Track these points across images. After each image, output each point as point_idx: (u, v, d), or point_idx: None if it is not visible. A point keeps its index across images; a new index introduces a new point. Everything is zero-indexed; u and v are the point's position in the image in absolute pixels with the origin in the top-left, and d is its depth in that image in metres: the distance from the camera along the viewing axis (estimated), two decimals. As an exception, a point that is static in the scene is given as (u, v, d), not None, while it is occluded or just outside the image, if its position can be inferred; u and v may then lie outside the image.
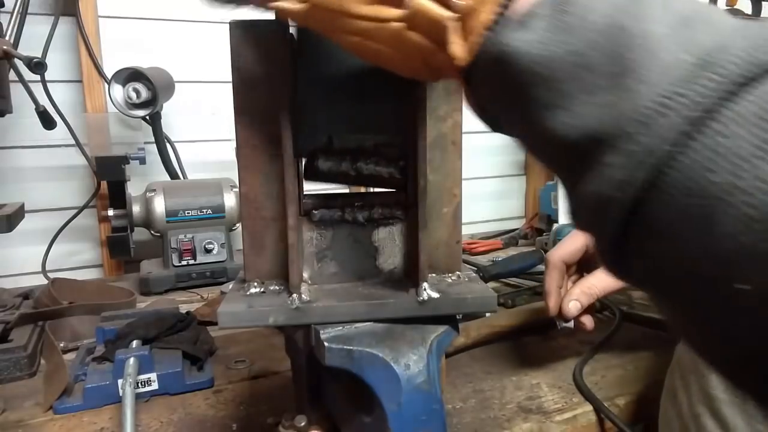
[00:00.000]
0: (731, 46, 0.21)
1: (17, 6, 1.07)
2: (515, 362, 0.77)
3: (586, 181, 0.23)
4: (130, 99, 1.13)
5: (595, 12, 0.23)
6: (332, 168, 0.45)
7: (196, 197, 1.14)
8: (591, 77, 0.23)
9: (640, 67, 0.22)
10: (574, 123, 0.23)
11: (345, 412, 0.48)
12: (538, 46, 0.24)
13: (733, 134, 0.20)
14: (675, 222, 0.21)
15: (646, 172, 0.21)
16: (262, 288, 0.46)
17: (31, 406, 0.66)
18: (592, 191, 0.23)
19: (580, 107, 0.23)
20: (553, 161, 0.27)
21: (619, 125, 0.22)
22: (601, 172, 0.22)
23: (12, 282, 1.20)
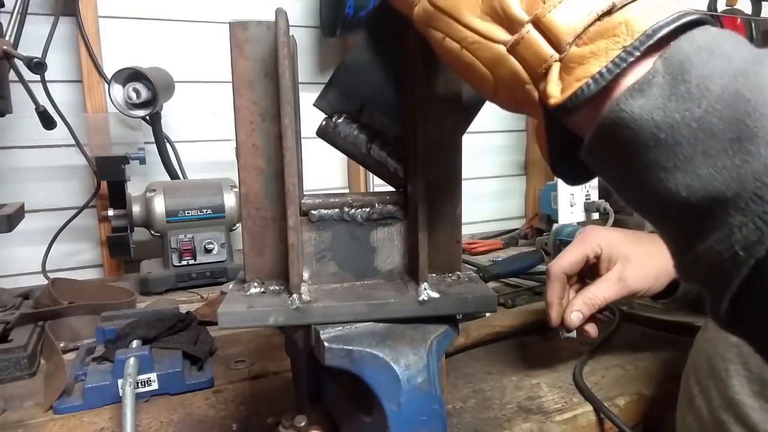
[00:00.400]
0: None
1: (17, 6, 1.07)
2: (515, 362, 0.77)
3: (709, 240, 0.25)
4: (130, 99, 1.13)
5: (714, 81, 0.25)
6: (348, 134, 0.45)
7: (196, 197, 1.14)
8: (712, 142, 0.24)
9: (762, 133, 0.23)
10: (695, 185, 0.25)
11: (345, 412, 0.48)
12: (658, 113, 0.26)
13: None
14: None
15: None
16: (262, 288, 0.46)
17: (31, 406, 0.66)
18: (717, 250, 0.24)
19: (702, 170, 0.24)
20: (668, 221, 0.28)
21: (745, 187, 0.23)
22: (726, 232, 0.24)
23: (12, 282, 1.20)
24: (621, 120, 0.27)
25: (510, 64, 0.32)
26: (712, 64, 0.25)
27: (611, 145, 0.28)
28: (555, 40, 0.30)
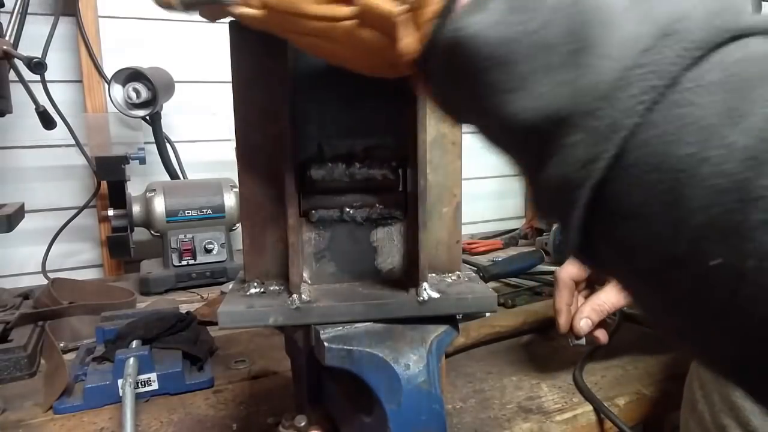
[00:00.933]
0: (691, 15, 0.20)
1: (17, 6, 1.07)
2: (515, 362, 0.77)
3: (549, 164, 0.22)
4: (130, 99, 1.13)
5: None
6: (326, 176, 0.45)
7: (196, 197, 1.14)
8: (549, 56, 0.22)
9: (599, 42, 0.21)
10: (534, 105, 0.22)
11: (345, 412, 0.48)
12: (496, 28, 0.23)
13: (698, 103, 0.19)
14: (643, 199, 0.20)
15: (611, 148, 0.20)
16: (261, 288, 0.46)
17: (31, 406, 0.66)
18: (555, 175, 0.22)
19: (540, 88, 0.22)
20: (514, 149, 0.26)
21: (580, 102, 0.21)
22: (563, 153, 0.22)
23: (12, 282, 1.20)
24: (457, 39, 0.25)
25: (368, 36, 0.30)
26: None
27: (446, 70, 0.26)
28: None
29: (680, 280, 0.20)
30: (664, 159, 0.19)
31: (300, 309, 0.43)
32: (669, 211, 0.19)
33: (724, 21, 0.20)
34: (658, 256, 0.20)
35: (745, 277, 0.18)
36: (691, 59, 0.19)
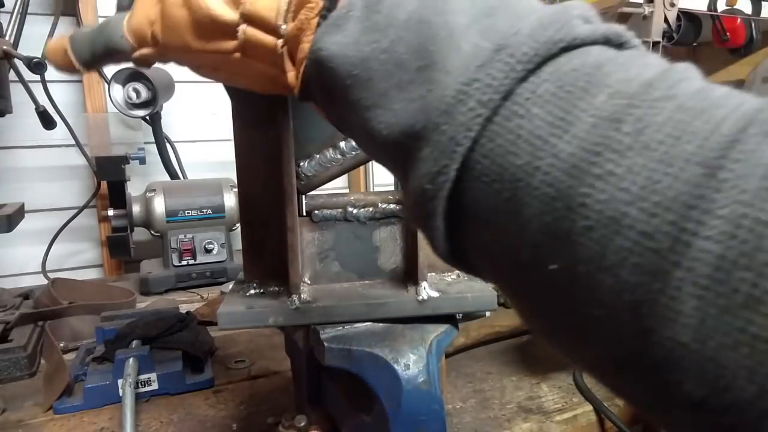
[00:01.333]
0: (524, 28, 0.21)
1: (17, 6, 1.07)
2: (515, 362, 0.77)
3: (410, 177, 0.23)
4: (130, 99, 1.13)
5: (403, 8, 0.23)
6: (318, 168, 0.45)
7: (196, 197, 1.14)
8: (401, 73, 0.23)
9: (443, 59, 0.22)
10: (391, 121, 0.23)
11: (345, 412, 0.48)
12: (352, 48, 0.24)
13: (530, 115, 0.20)
14: (489, 208, 0.21)
15: (454, 161, 0.21)
16: (261, 289, 0.46)
17: (31, 406, 0.66)
18: (414, 187, 0.23)
19: (395, 104, 0.23)
20: (385, 161, 0.26)
21: (429, 117, 0.22)
22: (417, 166, 0.22)
23: (12, 282, 1.20)
24: (320, 59, 0.25)
25: (256, 67, 0.31)
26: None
27: (321, 90, 0.27)
28: (268, 27, 0.28)
29: (529, 285, 0.21)
30: (504, 170, 0.20)
31: (300, 309, 0.43)
32: (513, 219, 0.20)
33: (555, 32, 0.20)
34: (510, 261, 0.21)
35: (577, 281, 0.18)
36: (524, 72, 0.20)
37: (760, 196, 0.15)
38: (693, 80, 0.19)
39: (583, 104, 0.19)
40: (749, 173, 0.16)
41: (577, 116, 0.19)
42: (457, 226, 0.23)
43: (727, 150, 0.16)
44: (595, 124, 0.19)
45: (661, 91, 0.19)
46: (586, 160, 0.18)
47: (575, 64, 0.20)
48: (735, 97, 0.18)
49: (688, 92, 0.19)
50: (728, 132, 0.17)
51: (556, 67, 0.20)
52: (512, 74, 0.20)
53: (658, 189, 0.17)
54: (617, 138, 0.18)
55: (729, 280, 0.15)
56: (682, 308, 0.16)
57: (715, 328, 0.16)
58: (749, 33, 1.42)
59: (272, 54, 0.29)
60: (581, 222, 0.18)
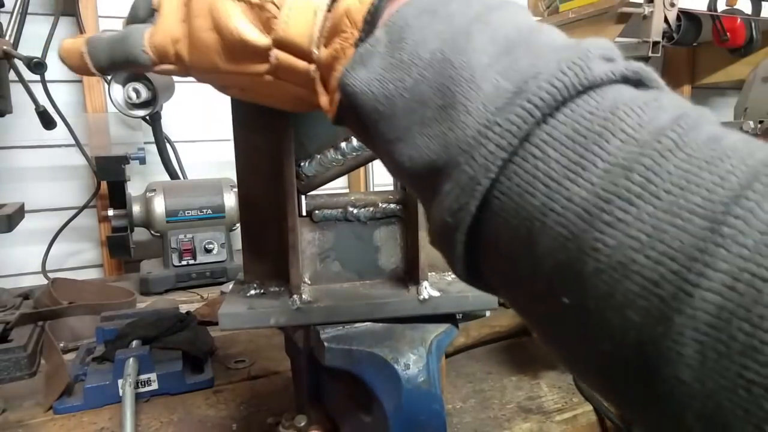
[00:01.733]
0: (542, 72, 0.21)
1: (17, 6, 1.07)
2: (515, 362, 0.77)
3: (433, 207, 0.24)
4: (130, 99, 1.12)
5: (426, 47, 0.24)
6: (319, 168, 0.45)
7: (196, 197, 1.14)
8: (424, 111, 0.24)
9: (464, 99, 0.23)
10: (414, 155, 0.24)
11: (345, 412, 0.48)
12: (376, 84, 0.25)
13: (547, 157, 0.21)
14: (507, 242, 0.22)
15: (475, 198, 0.22)
16: (261, 289, 0.46)
17: (31, 406, 0.66)
18: (437, 217, 0.24)
19: (418, 140, 0.24)
20: (412, 188, 0.28)
21: (450, 155, 0.23)
22: (440, 199, 0.23)
23: (12, 282, 1.20)
24: (347, 95, 0.26)
25: (287, 89, 0.31)
26: (430, 28, 0.24)
27: (353, 120, 0.28)
28: (301, 53, 0.29)
29: (542, 314, 0.23)
30: (521, 208, 0.21)
31: (301, 309, 0.43)
32: (528, 254, 0.21)
33: (573, 76, 0.21)
34: (525, 291, 0.23)
35: (589, 316, 0.20)
36: (541, 116, 0.21)
37: (760, 251, 0.16)
38: (706, 127, 0.20)
39: (597, 149, 0.20)
40: (750, 229, 0.17)
41: (590, 161, 0.20)
42: (476, 255, 0.24)
43: (730, 205, 0.17)
44: (607, 170, 0.19)
45: (671, 140, 0.19)
46: (597, 206, 0.19)
47: (592, 107, 0.21)
48: (745, 147, 0.19)
49: (698, 141, 0.19)
50: (733, 186, 0.18)
51: (573, 109, 0.21)
52: (529, 118, 0.21)
53: (664, 239, 0.18)
54: (627, 186, 0.19)
55: (728, 328, 0.16)
56: (683, 351, 0.17)
57: (714, 371, 0.17)
58: (749, 33, 1.42)
59: (305, 77, 0.29)
60: (592, 264, 0.19)
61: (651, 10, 1.21)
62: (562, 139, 0.21)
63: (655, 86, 0.23)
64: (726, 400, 0.17)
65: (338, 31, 0.27)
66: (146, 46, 0.34)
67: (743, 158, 0.18)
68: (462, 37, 0.24)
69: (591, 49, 0.22)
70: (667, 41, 1.31)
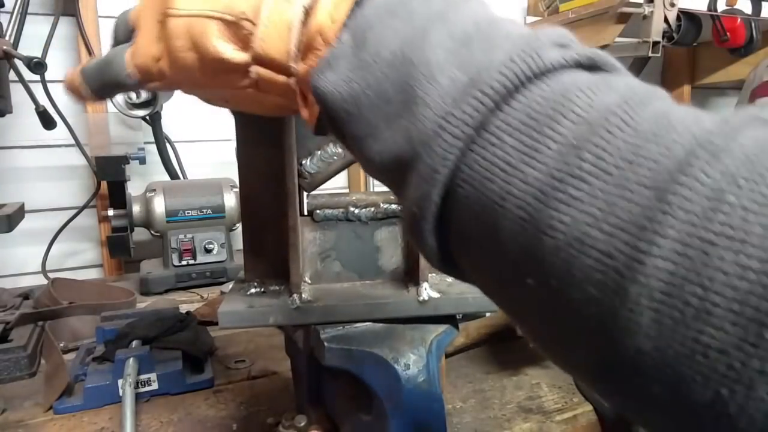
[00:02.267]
0: (496, 60, 0.22)
1: (17, 6, 1.07)
2: (515, 362, 0.77)
3: (402, 198, 0.25)
4: (130, 99, 1.13)
5: (386, 47, 0.25)
6: (321, 165, 0.45)
7: (196, 197, 1.14)
8: (388, 107, 0.25)
9: (423, 93, 0.23)
10: (382, 149, 0.25)
11: (345, 412, 0.48)
12: (343, 85, 0.26)
13: (503, 143, 0.21)
14: (473, 228, 0.23)
15: (435, 187, 0.23)
16: (262, 288, 0.46)
17: (31, 406, 0.66)
18: (405, 208, 0.25)
19: (385, 134, 0.25)
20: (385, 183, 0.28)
21: (412, 148, 0.23)
22: (407, 190, 0.24)
23: (12, 282, 1.20)
24: (318, 97, 0.27)
25: (270, 99, 0.32)
26: (391, 28, 0.25)
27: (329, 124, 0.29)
28: (279, 67, 0.29)
29: (512, 298, 0.23)
30: (482, 194, 0.22)
31: (300, 309, 0.43)
32: (493, 239, 0.22)
33: (524, 64, 0.22)
34: (495, 276, 0.23)
35: (552, 295, 0.20)
36: (493, 104, 0.22)
37: (707, 215, 0.17)
38: (655, 103, 0.20)
39: (549, 131, 0.21)
40: (696, 195, 0.17)
41: (543, 143, 0.21)
42: (447, 243, 0.25)
43: (675, 173, 0.18)
44: (560, 151, 0.20)
45: (619, 118, 0.20)
46: (551, 186, 0.20)
47: (544, 92, 0.21)
48: (692, 117, 0.19)
49: (646, 116, 0.20)
50: (678, 155, 0.18)
51: (527, 95, 0.22)
52: (483, 108, 0.22)
53: (615, 211, 0.18)
54: (578, 164, 0.20)
55: (681, 294, 0.17)
56: (640, 320, 0.17)
57: (672, 338, 0.17)
58: (749, 33, 1.42)
59: (286, 89, 0.30)
60: (550, 242, 0.20)
61: (651, 10, 1.21)
62: (516, 125, 0.21)
63: (609, 69, 0.23)
64: (685, 367, 0.17)
65: (312, 47, 0.28)
66: (129, 68, 0.34)
67: (689, 127, 0.19)
68: (420, 34, 0.24)
69: (542, 37, 0.23)
70: (667, 41, 1.31)
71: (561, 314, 0.20)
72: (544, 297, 0.21)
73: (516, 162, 0.21)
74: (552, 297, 0.20)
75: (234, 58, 0.30)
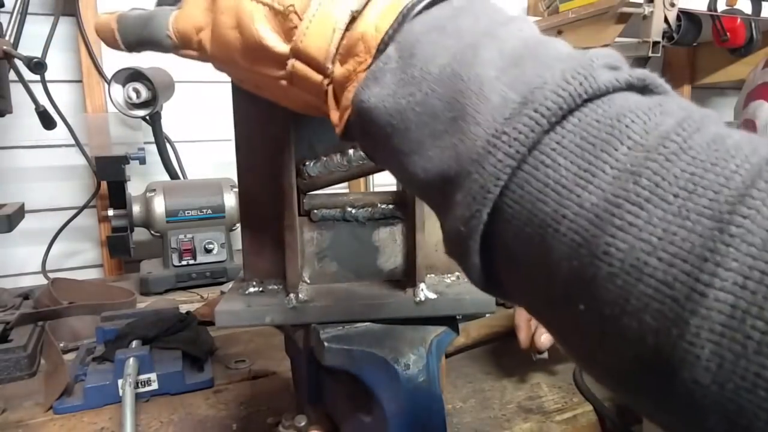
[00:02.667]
0: (548, 82, 0.22)
1: (17, 6, 1.07)
2: (515, 362, 0.77)
3: (447, 216, 0.25)
4: (130, 99, 1.13)
5: (435, 62, 0.25)
6: (322, 170, 0.45)
7: (196, 197, 1.14)
8: (435, 124, 0.24)
9: (473, 111, 0.23)
10: (428, 166, 0.25)
11: (345, 412, 0.48)
12: (389, 99, 0.26)
13: (556, 165, 0.21)
14: (521, 249, 0.22)
15: (485, 206, 0.22)
16: (260, 287, 0.46)
17: (31, 406, 0.66)
18: (450, 227, 0.25)
19: (431, 151, 0.25)
20: (426, 200, 0.28)
21: (461, 165, 0.23)
22: (452, 209, 0.24)
23: (12, 282, 1.20)
24: (360, 111, 0.27)
25: (301, 96, 0.32)
26: (439, 44, 0.25)
27: (363, 136, 0.29)
28: (316, 65, 0.29)
29: (560, 320, 0.23)
30: (533, 215, 0.22)
31: (297, 308, 0.43)
32: (543, 261, 0.22)
33: (578, 85, 0.22)
34: (542, 297, 0.23)
35: (605, 322, 0.20)
36: (548, 125, 0.21)
37: (765, 248, 0.17)
38: (710, 128, 0.20)
39: (605, 156, 0.20)
40: (757, 227, 0.17)
41: (599, 167, 0.20)
42: (492, 263, 0.24)
43: (736, 205, 0.18)
44: (616, 176, 0.20)
45: (677, 144, 0.20)
46: (608, 211, 0.20)
47: (598, 114, 0.21)
48: (748, 145, 0.19)
49: (702, 143, 0.20)
50: (738, 186, 0.18)
51: (580, 118, 0.21)
52: (537, 128, 0.21)
53: (675, 240, 0.18)
54: (636, 190, 0.19)
55: (742, 327, 0.17)
56: (700, 353, 0.17)
57: (732, 372, 0.17)
58: (749, 33, 1.42)
59: (318, 88, 0.30)
60: (605, 268, 0.19)
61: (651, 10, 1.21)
62: (570, 147, 0.21)
63: (661, 91, 0.23)
64: (746, 401, 0.17)
65: (353, 53, 0.28)
66: (170, 30, 0.34)
67: (747, 157, 0.19)
68: (470, 51, 0.24)
69: (594, 59, 0.22)
70: (667, 41, 1.31)
71: (613, 341, 0.20)
72: (596, 322, 0.20)
73: (570, 185, 0.21)
74: (604, 323, 0.20)
75: (274, 47, 0.30)
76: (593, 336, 0.21)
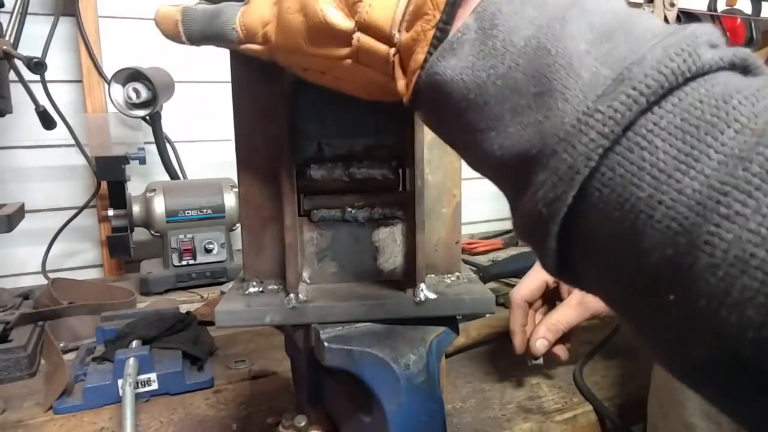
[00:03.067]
0: (647, 58, 0.21)
1: (17, 6, 1.07)
2: (515, 362, 0.77)
3: (523, 197, 0.24)
4: (130, 99, 1.13)
5: (519, 34, 0.24)
6: (325, 176, 0.45)
7: (196, 197, 1.14)
8: (518, 99, 0.23)
9: (561, 86, 0.22)
10: (506, 144, 0.24)
11: (345, 412, 0.48)
12: (467, 72, 0.25)
13: (654, 148, 0.20)
14: (607, 235, 0.21)
15: (572, 188, 0.21)
16: (260, 287, 0.46)
17: (31, 406, 0.66)
18: (528, 208, 0.23)
19: (511, 128, 0.23)
20: (495, 179, 0.27)
21: (546, 143, 0.22)
22: (533, 189, 0.23)
23: (12, 282, 1.20)
24: (434, 83, 0.26)
25: (366, 73, 0.31)
26: (522, 15, 0.24)
27: (433, 109, 0.28)
28: (382, 36, 0.29)
29: (642, 309, 0.21)
30: (624, 200, 0.20)
31: (296, 308, 0.43)
32: (631, 247, 0.20)
33: (682, 62, 0.20)
34: (625, 286, 0.22)
35: (698, 314, 0.19)
36: (646, 104, 0.20)
37: None
38: None
39: (710, 140, 0.19)
40: None
41: (703, 152, 0.19)
42: (569, 247, 0.23)
43: None
44: (722, 161, 0.19)
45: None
46: (713, 198, 0.18)
47: (701, 94, 0.20)
48: None
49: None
50: None
51: (681, 98, 0.20)
52: (634, 106, 0.20)
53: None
54: (746, 177, 0.18)
55: None
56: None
57: None
58: (749, 33, 1.42)
59: (384, 62, 0.30)
60: (705, 259, 0.18)
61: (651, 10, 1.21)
62: (669, 128, 0.20)
63: (760, 72, 0.22)
64: None
65: (421, 14, 0.27)
66: (237, 24, 0.35)
67: None
68: (557, 23, 0.23)
69: (698, 35, 0.21)
70: (667, 41, 1.31)
71: (705, 335, 0.19)
72: (687, 314, 0.19)
73: (669, 169, 0.19)
74: (697, 316, 0.19)
75: (339, 24, 0.30)
76: (681, 328, 0.20)
